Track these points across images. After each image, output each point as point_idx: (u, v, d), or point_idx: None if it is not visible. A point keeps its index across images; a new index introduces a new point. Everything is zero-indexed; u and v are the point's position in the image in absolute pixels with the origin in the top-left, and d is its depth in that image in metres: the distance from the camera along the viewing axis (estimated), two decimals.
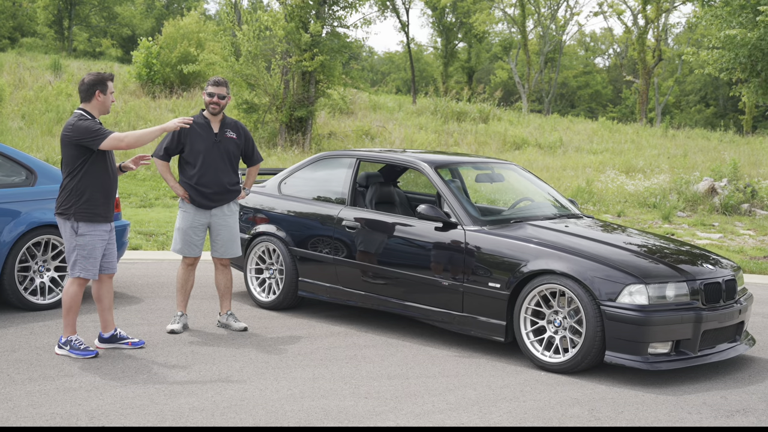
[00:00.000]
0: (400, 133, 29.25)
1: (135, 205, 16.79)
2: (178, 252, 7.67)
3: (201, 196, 7.55)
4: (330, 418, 5.50)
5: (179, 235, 7.65)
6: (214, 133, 7.57)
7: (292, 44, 26.02)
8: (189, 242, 7.63)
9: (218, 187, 7.56)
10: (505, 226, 7.50)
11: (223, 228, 7.66)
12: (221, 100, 7.55)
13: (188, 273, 7.74)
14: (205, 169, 7.52)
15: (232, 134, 7.65)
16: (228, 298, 7.87)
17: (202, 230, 7.66)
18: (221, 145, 7.57)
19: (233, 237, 7.74)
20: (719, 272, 7.02)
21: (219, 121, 7.63)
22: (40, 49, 49.07)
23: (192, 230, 7.61)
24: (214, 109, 7.56)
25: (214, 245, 7.72)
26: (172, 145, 7.59)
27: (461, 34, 62.11)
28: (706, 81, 62.63)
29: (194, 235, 7.62)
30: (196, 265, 7.80)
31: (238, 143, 7.69)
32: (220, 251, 7.72)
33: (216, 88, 7.56)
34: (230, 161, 7.63)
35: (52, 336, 7.23)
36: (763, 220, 18.55)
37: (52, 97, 26.94)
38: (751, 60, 14.24)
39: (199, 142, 7.53)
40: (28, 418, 5.27)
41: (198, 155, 7.52)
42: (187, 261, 7.71)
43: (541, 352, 6.82)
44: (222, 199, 7.62)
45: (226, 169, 7.60)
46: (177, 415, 5.43)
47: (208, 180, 7.53)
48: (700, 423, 5.68)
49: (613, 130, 36.66)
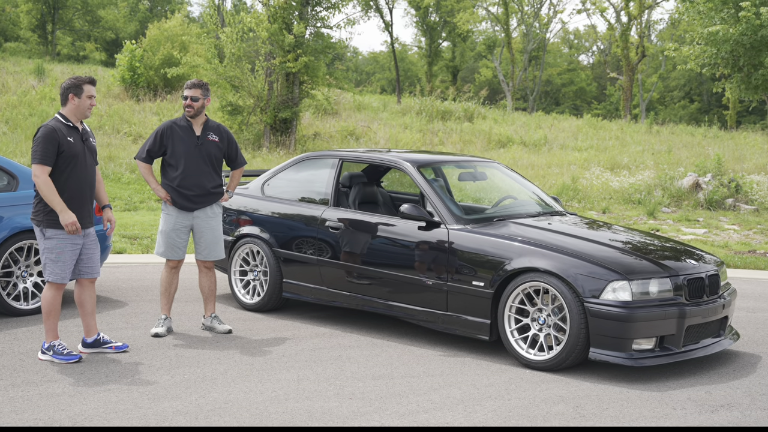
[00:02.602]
0: (385, 133, 29.24)
1: (119, 209, 16.72)
2: (162, 255, 7.65)
3: (183, 198, 7.53)
4: (315, 419, 5.49)
5: (162, 238, 7.63)
6: (196, 136, 7.55)
7: (275, 45, 25.98)
8: (172, 245, 7.60)
9: (200, 190, 7.54)
10: (489, 225, 7.50)
11: (206, 230, 7.64)
12: (194, 103, 7.52)
13: (172, 276, 7.71)
14: (187, 172, 7.50)
15: (215, 137, 7.63)
16: (212, 301, 7.84)
17: (185, 233, 7.64)
18: (203, 148, 7.55)
19: (216, 239, 7.72)
20: (702, 267, 7.04)
21: (201, 123, 7.61)
22: (24, 53, 48.88)
23: (175, 233, 7.59)
24: (189, 111, 7.54)
25: (198, 248, 7.70)
26: (154, 148, 7.57)
27: (445, 33, 62.18)
28: (690, 77, 62.85)
29: (177, 238, 7.60)
30: (180, 268, 7.77)
31: (221, 146, 7.67)
32: (203, 254, 7.69)
33: (190, 91, 7.55)
34: (212, 164, 7.61)
35: (35, 341, 7.20)
36: (747, 214, 18.62)
37: (36, 102, 26.83)
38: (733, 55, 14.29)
39: (180, 145, 7.51)
40: (11, 424, 5.24)
41: (180, 158, 7.50)
42: (171, 264, 7.69)
43: (525, 350, 6.82)
44: (204, 201, 7.59)
45: (208, 172, 7.58)
46: (161, 419, 5.41)
47: (189, 182, 7.50)
48: (684, 418, 5.69)
49: (597, 127, 36.74)
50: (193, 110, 7.54)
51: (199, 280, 7.84)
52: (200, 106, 7.55)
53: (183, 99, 7.58)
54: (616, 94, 62.92)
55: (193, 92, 7.53)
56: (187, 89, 7.56)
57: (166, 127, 7.59)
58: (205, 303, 7.85)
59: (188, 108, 7.54)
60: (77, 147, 6.59)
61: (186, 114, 7.56)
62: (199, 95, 7.53)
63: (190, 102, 7.53)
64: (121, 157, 21.95)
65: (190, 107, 7.53)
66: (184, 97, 7.55)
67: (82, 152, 6.64)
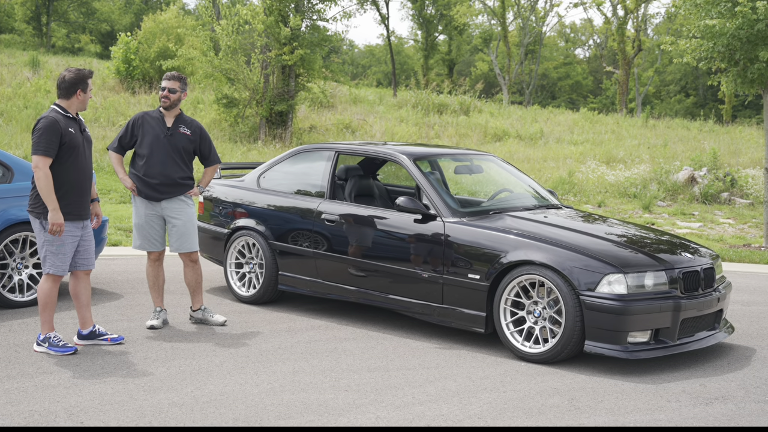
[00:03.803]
0: (381, 126, 29.22)
1: (115, 201, 16.70)
2: (138, 248, 7.65)
3: (147, 187, 7.50)
4: (310, 411, 5.49)
5: (136, 230, 7.64)
6: (167, 127, 7.55)
7: (271, 38, 25.94)
8: (145, 237, 7.59)
9: (165, 179, 7.50)
10: (485, 218, 7.50)
11: (176, 221, 7.58)
12: (171, 94, 7.53)
13: (156, 269, 7.69)
14: (153, 161, 7.48)
15: (186, 130, 7.61)
16: (199, 294, 7.81)
17: (157, 224, 7.61)
18: (172, 139, 7.53)
19: (188, 231, 7.64)
20: (698, 261, 7.05)
21: (174, 116, 7.61)
22: (18, 45, 48.71)
23: (147, 224, 7.57)
24: (164, 102, 7.55)
25: (170, 239, 7.68)
26: (125, 138, 7.60)
27: (441, 27, 62.07)
28: (686, 71, 62.84)
29: (150, 229, 7.58)
30: (162, 259, 7.74)
31: (192, 139, 7.63)
32: (175, 245, 7.66)
33: (168, 83, 7.57)
34: (180, 156, 7.57)
35: (30, 333, 7.19)
36: (742, 208, 18.65)
37: (31, 94, 26.77)
38: (729, 49, 14.26)
39: (150, 134, 7.52)
40: (6, 416, 5.24)
41: (147, 147, 7.51)
42: (152, 256, 7.67)
43: (521, 342, 6.83)
44: (170, 191, 7.55)
45: (175, 163, 7.54)
46: (156, 411, 5.41)
47: (155, 171, 7.48)
48: (679, 411, 5.70)
49: (593, 120, 36.76)
50: (168, 101, 7.54)
51: (184, 273, 7.80)
52: (176, 98, 7.56)
53: (160, 90, 7.59)
54: (612, 88, 62.91)
55: (171, 84, 7.54)
56: (166, 80, 7.58)
57: (138, 118, 7.60)
58: (193, 296, 7.81)
59: (164, 99, 7.55)
60: (77, 138, 6.59)
61: (161, 104, 7.57)
62: (177, 87, 7.54)
63: (167, 93, 7.54)
64: None
65: (166, 98, 7.54)
66: (162, 87, 7.57)
67: (82, 143, 6.64)
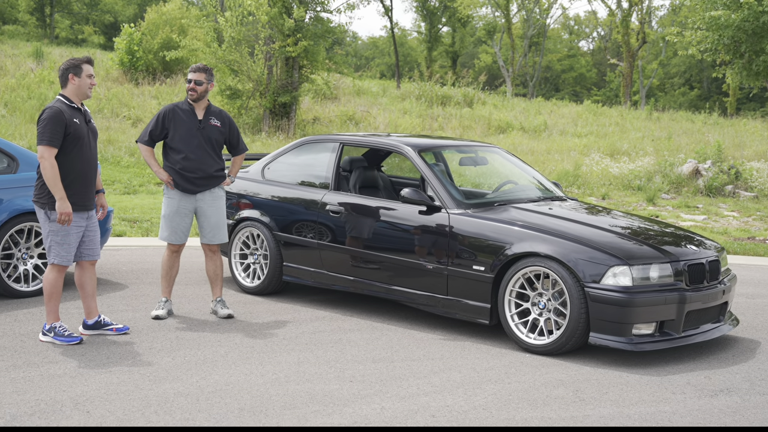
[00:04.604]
0: (384, 117, 29.20)
1: (119, 192, 16.71)
2: (165, 239, 7.65)
3: (186, 180, 7.53)
4: (315, 401, 5.50)
5: (165, 222, 7.63)
6: (198, 120, 7.55)
7: (275, 30, 25.92)
8: (175, 229, 7.61)
9: (202, 173, 7.54)
10: (489, 209, 7.50)
11: (210, 214, 7.64)
12: (198, 86, 7.53)
13: (173, 260, 7.72)
14: (189, 155, 7.50)
15: (216, 122, 7.63)
16: (218, 285, 7.84)
17: (188, 216, 7.64)
18: (204, 132, 7.55)
19: (220, 223, 7.72)
20: (703, 253, 7.04)
21: (204, 108, 7.62)
22: (22, 36, 48.74)
23: (178, 217, 7.59)
24: (192, 95, 7.55)
25: (202, 231, 7.70)
26: (156, 131, 7.58)
27: (445, 19, 62.03)
28: (690, 63, 62.75)
29: (181, 222, 7.60)
30: (181, 252, 7.78)
31: (222, 131, 7.67)
32: (207, 237, 7.70)
33: (194, 74, 7.55)
34: (213, 148, 7.61)
35: (36, 323, 7.21)
36: (746, 201, 18.63)
37: (35, 85, 26.78)
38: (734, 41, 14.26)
39: (182, 128, 7.51)
40: (13, 405, 5.25)
41: (181, 141, 7.51)
42: (172, 248, 7.69)
43: (525, 334, 6.83)
44: (206, 184, 7.59)
45: (209, 155, 7.58)
46: (162, 400, 5.42)
47: (192, 165, 7.51)
48: (684, 403, 5.70)
49: (597, 113, 36.71)
50: (196, 94, 7.54)
51: (205, 264, 7.86)
52: (203, 90, 7.55)
53: (187, 82, 7.58)
54: (616, 81, 62.82)
55: (197, 76, 7.53)
56: (192, 72, 7.56)
57: (168, 110, 7.59)
58: (212, 287, 7.86)
59: (191, 91, 7.54)
60: (82, 128, 6.59)
61: (189, 97, 7.57)
62: (203, 79, 7.53)
63: (194, 86, 7.53)
64: (121, 141, 21.92)
65: (193, 90, 7.54)
66: (188, 80, 7.55)
67: (86, 134, 6.64)
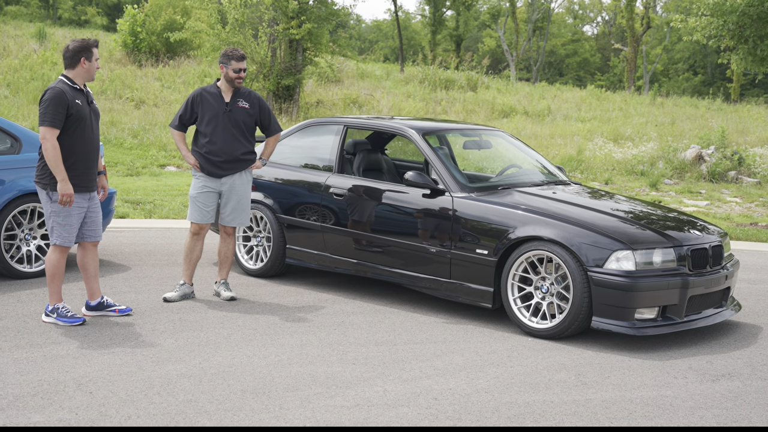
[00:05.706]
0: (388, 101, 29.14)
1: (122, 174, 16.70)
2: (195, 220, 7.64)
3: (211, 164, 7.54)
4: (318, 383, 5.51)
5: (193, 203, 7.66)
6: (225, 103, 7.55)
7: (279, 12, 25.83)
8: (201, 210, 7.61)
9: (228, 156, 7.54)
10: (493, 193, 7.49)
11: (232, 196, 7.64)
12: (245, 74, 7.58)
13: (194, 242, 7.70)
14: (215, 138, 7.52)
15: (245, 104, 7.61)
16: (226, 268, 7.84)
17: (214, 198, 7.64)
18: (232, 115, 7.54)
19: (242, 206, 7.71)
20: (706, 238, 7.04)
21: (231, 90, 7.61)
22: (25, 17, 48.57)
23: (202, 196, 7.60)
24: (239, 83, 7.57)
25: (222, 212, 7.70)
26: (186, 115, 7.63)
27: (449, 2, 61.71)
28: (694, 49, 62.53)
29: (205, 201, 7.60)
30: (203, 235, 7.73)
31: (251, 113, 7.65)
32: (226, 219, 7.70)
33: (241, 63, 7.52)
34: (241, 131, 7.60)
35: (38, 304, 7.22)
36: (749, 187, 18.61)
37: (38, 66, 26.72)
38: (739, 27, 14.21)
39: (210, 111, 7.54)
40: (16, 385, 5.27)
41: (209, 124, 7.53)
42: (193, 230, 7.68)
43: (528, 318, 6.84)
44: (233, 168, 7.59)
45: (236, 139, 7.57)
46: (165, 382, 5.43)
47: (217, 149, 7.51)
48: (685, 387, 5.71)
49: (601, 98, 36.61)
50: (242, 81, 7.56)
51: (219, 244, 7.89)
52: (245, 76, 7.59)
53: (234, 72, 7.51)
54: (620, 66, 62.65)
55: (244, 64, 7.54)
56: (237, 61, 7.52)
57: (197, 94, 7.60)
58: (220, 268, 7.87)
59: (239, 80, 7.55)
60: (84, 110, 6.58)
61: (237, 85, 7.57)
62: (246, 67, 7.54)
63: (242, 75, 7.54)
64: (123, 122, 21.88)
65: (240, 79, 7.55)
66: (237, 69, 7.51)
67: (89, 115, 6.63)
